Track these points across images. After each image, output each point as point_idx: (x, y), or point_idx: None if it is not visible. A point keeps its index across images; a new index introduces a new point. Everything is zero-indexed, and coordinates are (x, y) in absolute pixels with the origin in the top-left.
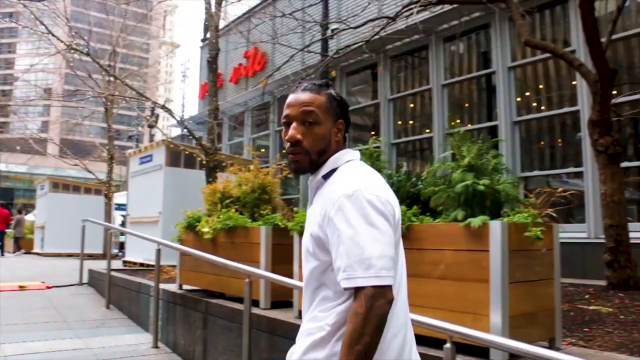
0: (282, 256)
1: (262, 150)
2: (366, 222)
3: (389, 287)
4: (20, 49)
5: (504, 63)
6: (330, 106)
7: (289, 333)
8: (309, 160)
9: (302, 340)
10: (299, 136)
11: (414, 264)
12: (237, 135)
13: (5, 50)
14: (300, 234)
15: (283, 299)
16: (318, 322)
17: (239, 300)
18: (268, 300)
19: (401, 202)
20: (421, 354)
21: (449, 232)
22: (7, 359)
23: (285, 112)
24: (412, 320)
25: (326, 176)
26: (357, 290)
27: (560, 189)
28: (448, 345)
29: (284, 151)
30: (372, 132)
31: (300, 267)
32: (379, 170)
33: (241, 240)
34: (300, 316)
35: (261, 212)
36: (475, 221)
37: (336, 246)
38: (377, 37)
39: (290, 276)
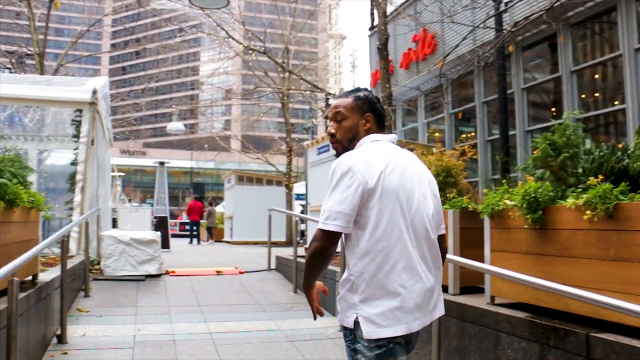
0: (471, 240)
1: (437, 134)
2: (332, 186)
3: (328, 233)
4: (203, 57)
5: None
6: (356, 105)
7: (481, 320)
8: (342, 146)
9: (341, 289)
10: (332, 130)
11: (623, 246)
12: (410, 121)
13: (192, 59)
14: (491, 216)
15: (473, 284)
16: (347, 274)
17: None
18: (457, 285)
19: (605, 179)
20: (633, 348)
21: None
22: (212, 336)
23: (327, 114)
24: (624, 309)
25: None
26: None
27: None
28: None
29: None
30: (553, 109)
31: (491, 251)
32: (575, 146)
33: None
34: (492, 301)
35: (447, 195)
36: None
37: None
38: (557, 3)
39: (481, 260)
